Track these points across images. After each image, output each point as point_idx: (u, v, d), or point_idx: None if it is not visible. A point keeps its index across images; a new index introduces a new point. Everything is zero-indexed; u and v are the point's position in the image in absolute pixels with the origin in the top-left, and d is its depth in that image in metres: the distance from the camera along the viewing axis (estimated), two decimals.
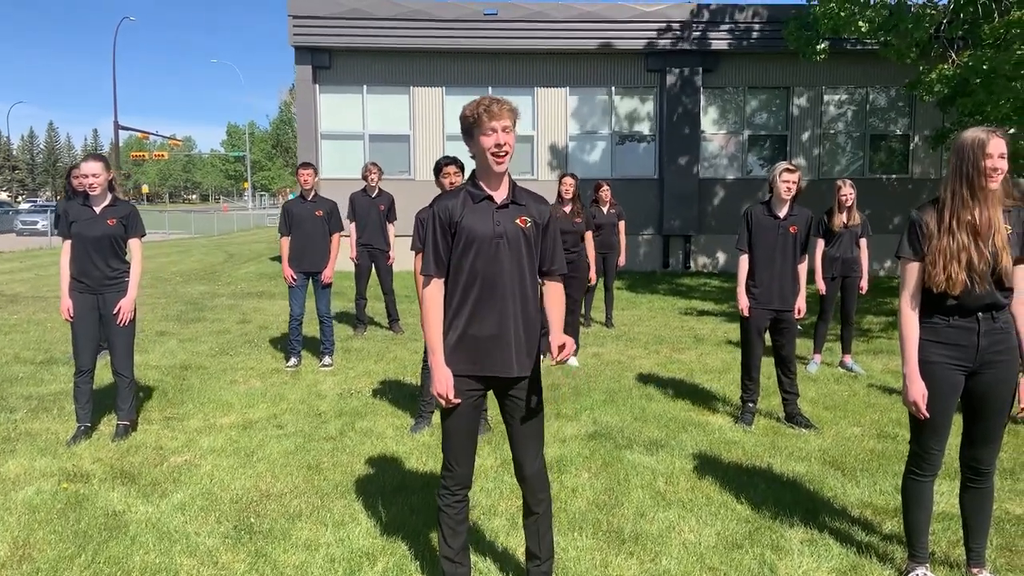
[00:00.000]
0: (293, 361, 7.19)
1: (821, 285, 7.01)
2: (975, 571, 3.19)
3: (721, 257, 16.18)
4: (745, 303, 5.35)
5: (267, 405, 5.93)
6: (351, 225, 8.71)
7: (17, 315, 10.22)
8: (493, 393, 2.94)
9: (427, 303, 2.83)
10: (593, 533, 3.69)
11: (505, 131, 2.75)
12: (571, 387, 6.43)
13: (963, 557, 3.27)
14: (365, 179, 8.70)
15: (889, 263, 15.66)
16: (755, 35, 15.44)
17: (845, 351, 7.24)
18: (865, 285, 7.13)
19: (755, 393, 5.50)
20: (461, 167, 4.98)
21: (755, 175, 16.18)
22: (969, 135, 2.91)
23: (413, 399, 5.99)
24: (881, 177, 16.14)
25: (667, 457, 4.73)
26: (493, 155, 2.76)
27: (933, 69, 10.90)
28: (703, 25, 15.42)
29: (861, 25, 10.65)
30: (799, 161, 15.82)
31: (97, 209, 4.95)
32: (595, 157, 16.18)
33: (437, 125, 15.80)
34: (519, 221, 2.82)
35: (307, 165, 7.18)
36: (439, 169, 5.03)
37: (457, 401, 2.80)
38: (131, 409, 5.17)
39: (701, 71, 15.71)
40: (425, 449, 4.87)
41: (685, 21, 15.36)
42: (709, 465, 4.60)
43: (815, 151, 16.12)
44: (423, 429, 5.24)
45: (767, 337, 5.50)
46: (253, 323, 9.64)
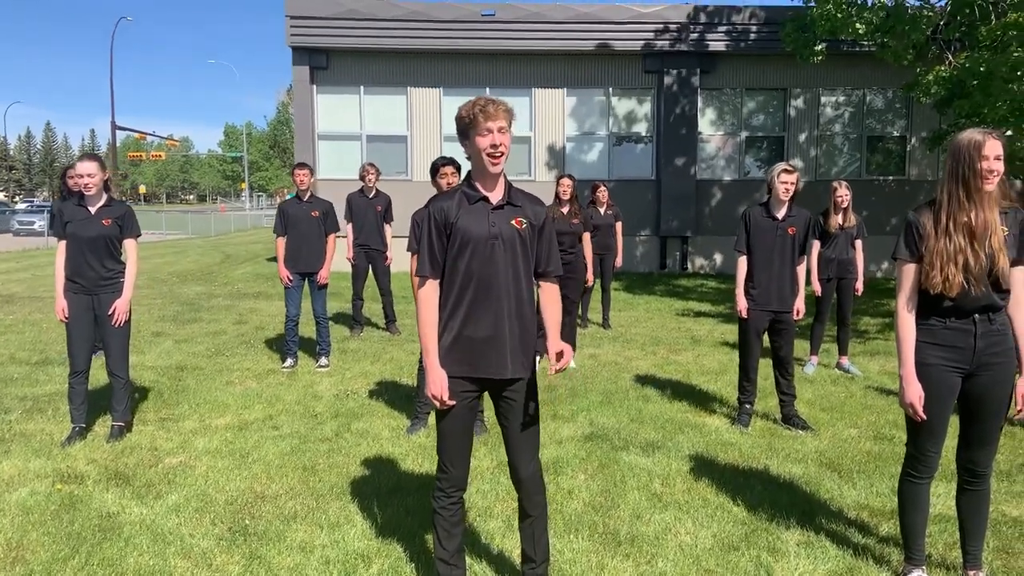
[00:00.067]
0: (289, 362, 7.18)
1: (817, 286, 7.01)
2: (971, 573, 3.18)
3: (718, 258, 16.18)
4: (744, 305, 5.35)
5: (263, 406, 5.91)
6: (348, 226, 8.70)
7: (13, 315, 10.19)
8: (488, 395, 2.94)
9: (422, 304, 2.82)
10: (589, 535, 3.68)
11: (501, 132, 2.74)
12: (568, 388, 6.42)
13: (960, 559, 3.26)
14: (362, 180, 8.69)
15: (886, 264, 15.67)
16: (752, 37, 15.45)
17: (842, 353, 7.24)
18: (861, 287, 7.13)
19: (752, 395, 5.49)
20: (458, 168, 4.97)
21: (752, 176, 16.19)
22: (965, 137, 2.91)
23: (409, 400, 5.98)
24: (878, 179, 16.16)
25: (663, 459, 4.73)
26: (489, 156, 2.74)
27: (930, 71, 10.92)
28: (701, 27, 15.43)
29: (858, 27, 10.67)
30: (796, 162, 15.84)
31: (92, 209, 4.93)
32: (592, 158, 16.18)
33: (434, 126, 15.79)
34: (515, 222, 2.81)
35: (303, 165, 7.18)
36: (436, 170, 5.02)
37: (452, 403, 2.79)
38: (126, 410, 5.15)
39: (699, 72, 15.72)
40: (421, 450, 4.86)
41: (683, 22, 15.37)
42: (706, 467, 4.59)
43: (812, 152, 16.13)
44: (419, 430, 5.22)
45: (765, 338, 5.49)
46: (249, 324, 9.62)
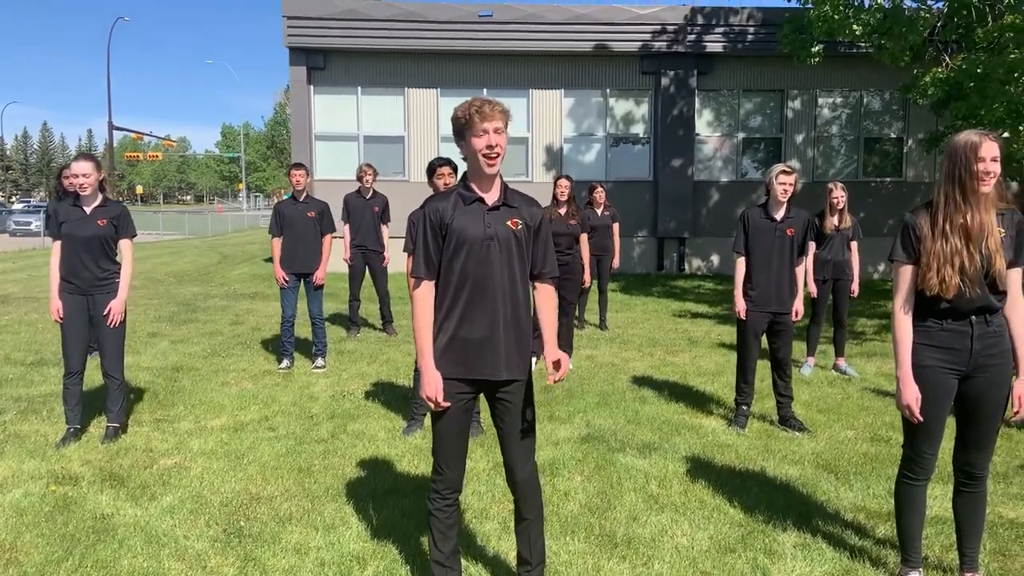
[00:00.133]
0: (285, 363, 7.16)
1: (813, 288, 7.01)
2: None
3: (715, 259, 16.19)
4: (742, 306, 5.34)
5: (259, 407, 5.89)
6: (345, 226, 8.68)
7: (8, 316, 10.16)
8: (484, 396, 2.93)
9: (417, 305, 2.81)
10: (585, 537, 3.67)
11: (497, 132, 2.73)
12: (564, 389, 6.41)
13: (956, 561, 3.26)
14: (359, 180, 8.67)
15: (883, 266, 15.68)
16: (750, 38, 15.46)
17: (838, 354, 7.24)
18: (856, 288, 7.14)
19: (749, 396, 5.49)
20: (455, 168, 4.96)
21: (750, 178, 16.20)
22: (962, 138, 2.90)
23: (406, 401, 5.97)
24: (875, 180, 16.18)
25: (660, 460, 4.72)
26: (484, 157, 2.73)
27: (927, 73, 10.93)
28: (698, 28, 15.43)
29: (855, 28, 10.67)
30: (794, 163, 15.85)
31: (87, 209, 4.91)
32: (590, 159, 16.17)
33: (432, 126, 15.77)
34: (510, 223, 2.80)
35: (299, 166, 7.16)
36: (433, 170, 5.01)
37: (446, 405, 2.78)
38: (121, 411, 5.13)
39: (696, 74, 15.72)
40: (417, 452, 4.84)
41: (680, 24, 15.38)
42: (702, 468, 4.59)
43: (809, 154, 16.14)
44: (415, 431, 5.21)
45: (763, 340, 5.49)
46: (246, 324, 9.59)
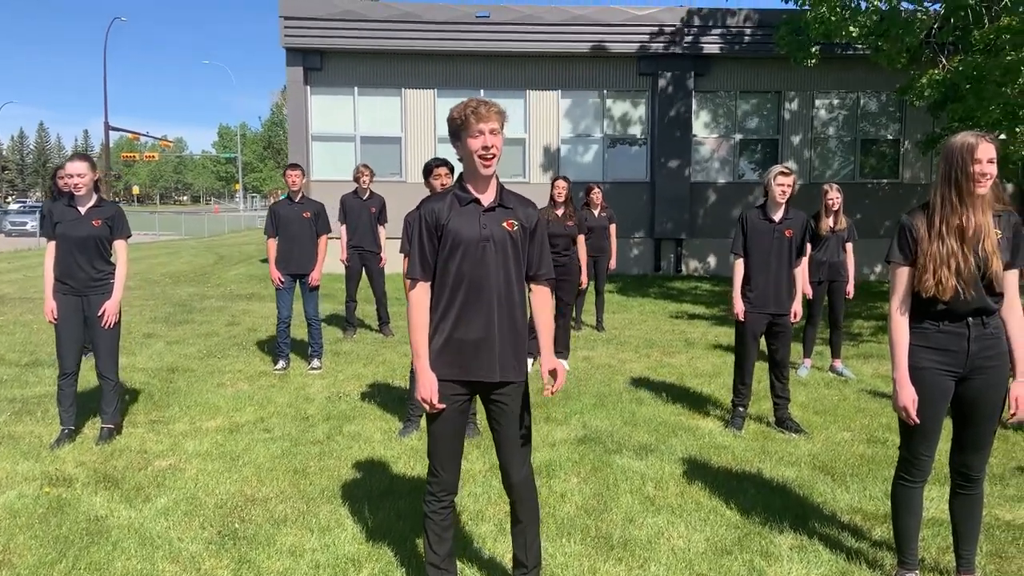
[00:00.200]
0: (281, 364, 7.14)
1: (808, 289, 7.01)
2: None
3: (712, 260, 16.19)
4: (740, 307, 5.33)
5: (254, 408, 5.88)
6: (342, 227, 8.66)
7: (3, 316, 10.12)
8: (480, 398, 2.91)
9: (413, 307, 2.80)
10: (581, 539, 3.66)
11: (493, 133, 2.72)
12: (561, 391, 6.39)
13: (953, 563, 3.25)
14: (356, 181, 8.65)
15: (879, 267, 15.70)
16: (747, 40, 15.47)
17: (835, 355, 7.24)
18: (851, 290, 7.14)
19: (747, 398, 5.48)
20: (451, 169, 4.95)
21: (747, 179, 16.21)
22: (958, 140, 2.90)
23: (402, 402, 5.95)
24: (871, 182, 16.20)
25: (657, 462, 4.71)
26: (480, 157, 2.72)
27: (924, 74, 10.93)
28: (695, 29, 15.43)
29: (852, 30, 10.67)
30: (791, 165, 15.85)
31: (82, 210, 4.89)
32: (587, 160, 16.17)
33: (429, 127, 15.75)
34: (506, 224, 2.79)
35: (295, 166, 7.14)
36: (429, 171, 5.00)
37: (442, 406, 2.77)
38: (115, 412, 5.11)
39: (693, 75, 15.72)
40: (413, 453, 4.83)
41: (677, 25, 15.38)
42: (699, 470, 4.58)
43: (806, 155, 16.16)
44: (411, 433, 5.20)
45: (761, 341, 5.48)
46: (242, 325, 9.57)
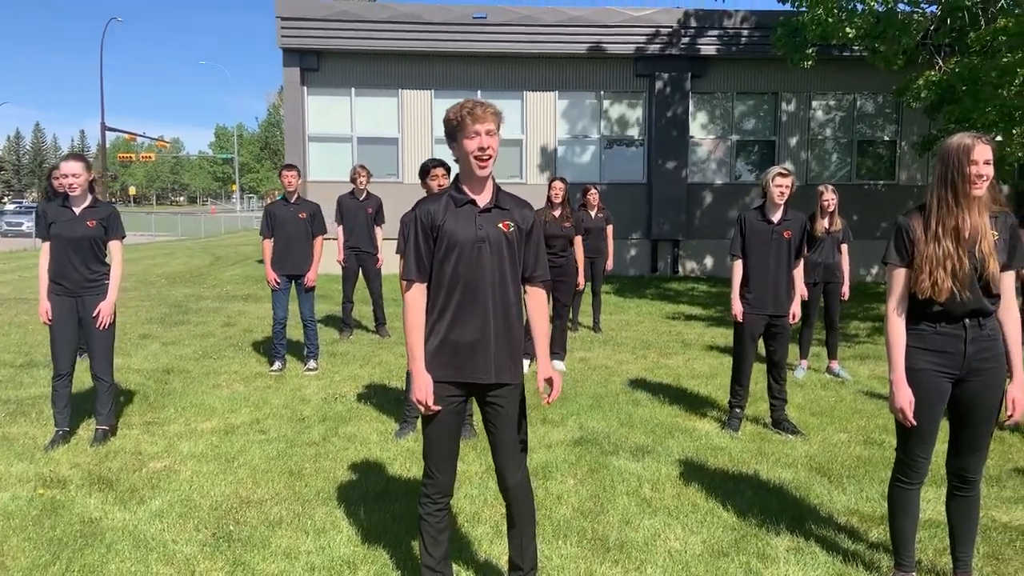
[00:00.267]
0: (277, 365, 7.12)
1: (803, 290, 7.01)
2: None
3: (709, 262, 16.20)
4: (739, 308, 5.32)
5: (250, 410, 5.86)
6: (339, 228, 8.65)
7: None
8: (475, 400, 2.90)
9: (408, 308, 2.78)
10: (578, 541, 3.64)
11: (489, 134, 2.71)
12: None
13: (950, 565, 3.24)
14: (353, 182, 8.63)
15: (875, 269, 15.72)
16: (743, 41, 15.49)
17: (831, 357, 7.24)
18: (847, 291, 7.14)
19: (744, 399, 5.48)
20: (448, 170, 4.93)
21: (743, 180, 16.23)
22: (955, 141, 2.89)
23: (398, 404, 5.94)
24: (868, 183, 16.22)
25: (653, 463, 4.70)
26: (476, 159, 2.71)
27: (920, 76, 10.95)
28: (692, 30, 15.45)
29: (849, 31, 10.70)
30: (788, 166, 15.85)
31: (77, 210, 4.87)
32: (584, 161, 16.17)
33: (425, 128, 15.74)
34: (502, 226, 2.78)
35: (291, 167, 7.13)
36: (426, 171, 4.99)
37: (437, 408, 2.76)
38: (110, 414, 5.08)
39: (690, 76, 15.73)
40: (409, 455, 4.81)
41: (674, 27, 15.39)
42: (695, 471, 4.57)
43: (803, 156, 16.18)
44: (408, 434, 5.18)
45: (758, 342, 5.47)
46: (238, 326, 9.55)
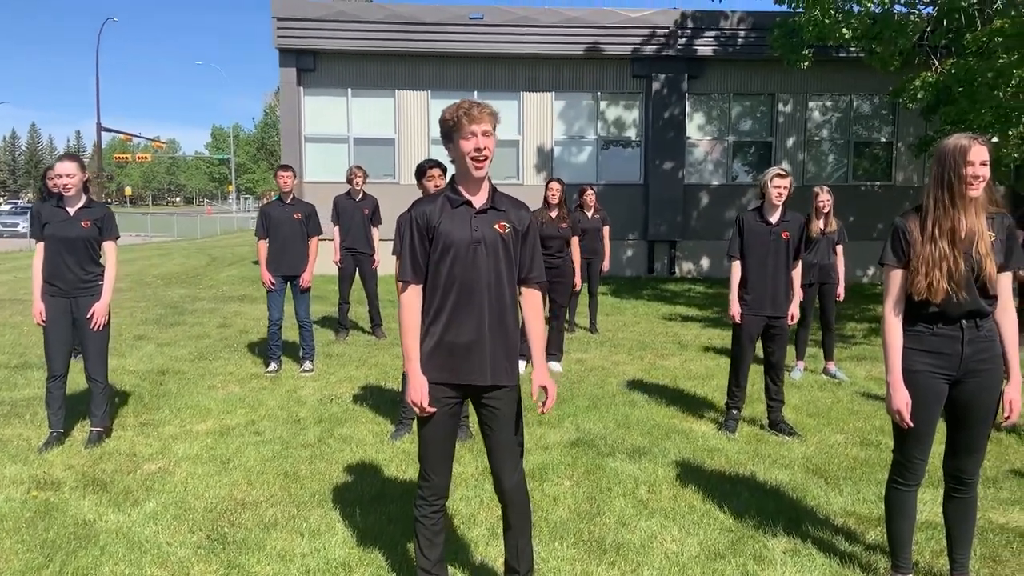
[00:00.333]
0: (273, 366, 7.09)
1: (799, 291, 7.01)
2: None
3: (706, 263, 16.19)
4: (737, 309, 5.32)
5: (245, 411, 5.83)
6: (335, 229, 8.63)
7: None
8: (471, 402, 2.89)
9: (404, 309, 2.77)
10: (574, 543, 3.63)
11: (485, 135, 2.69)
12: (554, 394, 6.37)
13: (947, 567, 3.24)
14: (349, 182, 8.62)
15: (872, 269, 15.73)
16: (740, 42, 15.49)
17: (828, 358, 7.24)
18: (842, 292, 7.14)
19: (741, 400, 5.47)
20: (444, 170, 4.92)
21: (740, 181, 16.24)
22: (951, 142, 2.89)
23: (394, 405, 5.92)
24: (865, 184, 16.23)
25: (650, 465, 4.69)
26: (472, 159, 2.70)
27: (916, 77, 10.97)
28: (688, 32, 15.45)
29: (845, 32, 10.70)
30: (786, 167, 15.86)
31: (71, 211, 4.84)
32: (581, 162, 16.16)
33: (422, 129, 15.73)
34: (498, 227, 2.76)
35: (286, 167, 7.11)
36: (422, 172, 4.97)
37: (432, 410, 2.74)
38: (105, 415, 5.06)
39: (687, 77, 15.74)
40: (405, 456, 4.80)
41: (671, 28, 15.39)
42: (692, 473, 4.56)
43: (799, 157, 16.19)
44: (404, 436, 5.16)
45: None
46: (233, 327, 9.52)
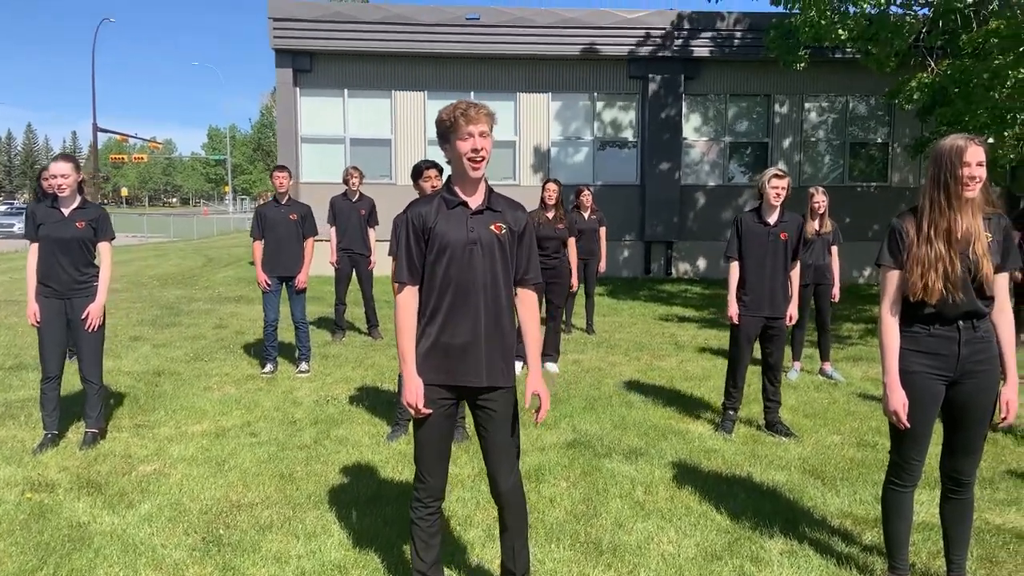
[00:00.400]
0: (269, 367, 7.07)
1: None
2: None
3: (702, 263, 16.20)
4: (735, 310, 5.31)
5: (241, 412, 5.82)
6: (331, 229, 8.61)
7: None
8: (467, 404, 2.87)
9: (400, 310, 2.76)
10: (571, 544, 3.62)
11: (482, 136, 2.69)
12: (550, 394, 6.35)
13: (943, 568, 3.24)
14: (346, 183, 8.60)
15: (868, 270, 15.75)
16: (736, 43, 15.51)
17: (824, 359, 7.24)
18: (837, 293, 7.14)
19: (738, 401, 5.47)
20: (441, 171, 4.91)
21: (736, 182, 16.25)
22: (947, 143, 2.88)
23: (391, 406, 5.90)
24: (860, 185, 16.26)
25: (646, 466, 4.68)
26: (469, 160, 2.69)
27: (912, 78, 10.98)
28: (685, 32, 15.46)
29: (841, 33, 10.71)
30: (782, 167, 15.87)
31: (66, 211, 4.82)
32: (577, 163, 16.16)
33: (419, 129, 15.71)
34: (494, 228, 2.76)
35: (282, 168, 7.09)
36: (419, 173, 4.96)
37: (427, 411, 2.73)
38: (99, 417, 5.04)
39: (683, 78, 15.74)
40: (401, 458, 4.78)
41: (667, 29, 15.40)
42: (689, 474, 4.56)
43: (795, 158, 16.21)
44: (400, 437, 5.15)
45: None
46: (230, 328, 9.49)
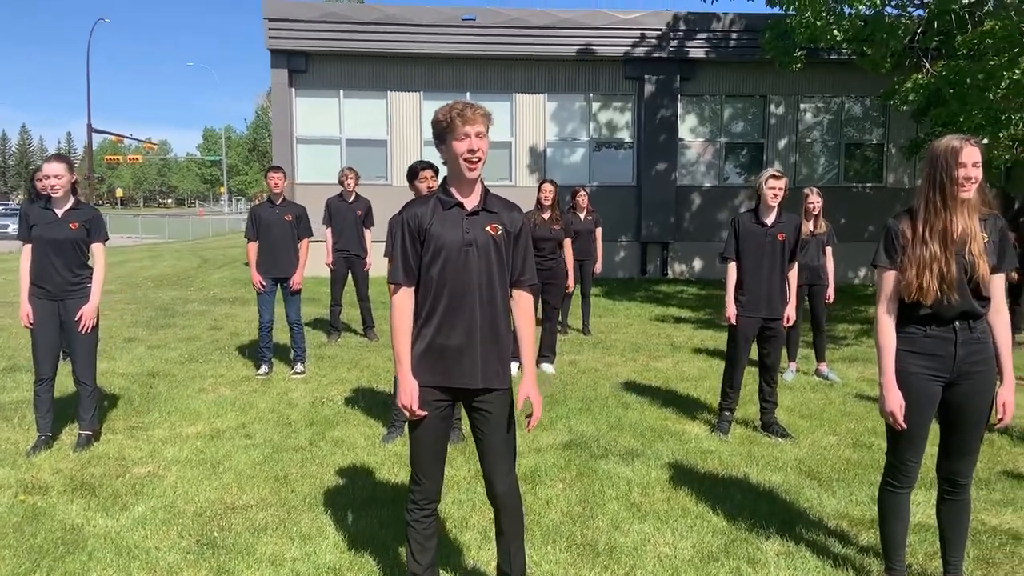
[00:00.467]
0: (264, 369, 7.05)
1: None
2: None
3: (698, 264, 16.21)
4: (733, 311, 5.31)
5: (236, 414, 5.79)
6: (327, 230, 8.59)
7: None
8: (463, 405, 2.86)
9: (395, 312, 2.75)
10: (567, 546, 3.61)
11: (479, 136, 2.67)
12: (547, 395, 6.36)
13: (940, 569, 3.23)
14: (342, 184, 8.58)
15: (863, 271, 15.78)
16: (732, 44, 15.52)
17: (819, 359, 7.24)
18: (831, 294, 7.13)
19: (735, 402, 5.47)
20: (437, 172, 4.91)
21: (732, 183, 16.26)
22: (943, 143, 2.88)
23: (386, 407, 5.89)
24: (856, 186, 16.28)
25: (643, 467, 4.68)
26: (466, 161, 2.68)
27: (908, 79, 11.00)
28: (680, 33, 15.47)
29: (837, 34, 10.72)
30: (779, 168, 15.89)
31: (59, 212, 4.80)
32: (573, 163, 16.16)
33: (414, 130, 15.69)
34: (490, 229, 2.74)
35: (277, 169, 7.08)
36: (415, 174, 4.95)
37: (423, 413, 2.72)
38: (93, 418, 5.01)
39: (679, 79, 15.76)
40: (397, 459, 4.77)
41: (663, 29, 15.41)
42: (685, 475, 4.55)
43: (791, 159, 16.23)
44: (395, 439, 5.14)
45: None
46: (224, 329, 9.46)
